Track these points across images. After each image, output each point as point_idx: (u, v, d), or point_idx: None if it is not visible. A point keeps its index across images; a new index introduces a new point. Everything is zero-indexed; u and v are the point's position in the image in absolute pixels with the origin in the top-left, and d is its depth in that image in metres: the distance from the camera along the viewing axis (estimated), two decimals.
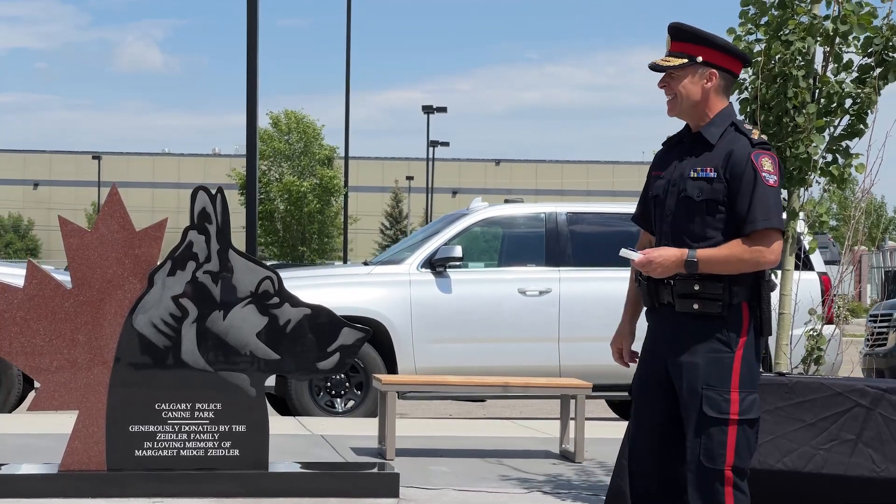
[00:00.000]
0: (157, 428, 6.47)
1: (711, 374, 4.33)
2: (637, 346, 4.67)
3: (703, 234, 4.39)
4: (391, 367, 10.63)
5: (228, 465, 6.47)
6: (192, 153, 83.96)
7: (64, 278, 6.81)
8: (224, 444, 6.49)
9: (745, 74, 6.47)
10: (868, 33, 6.28)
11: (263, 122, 47.37)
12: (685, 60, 4.45)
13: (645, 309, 4.58)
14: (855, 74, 6.36)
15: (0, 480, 6.33)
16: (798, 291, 6.82)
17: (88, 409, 6.46)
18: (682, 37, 4.47)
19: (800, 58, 6.23)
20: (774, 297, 6.68)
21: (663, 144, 4.67)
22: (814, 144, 6.23)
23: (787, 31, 6.24)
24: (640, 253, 4.38)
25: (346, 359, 6.63)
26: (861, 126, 6.35)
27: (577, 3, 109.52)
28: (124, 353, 6.49)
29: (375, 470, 6.88)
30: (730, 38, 6.52)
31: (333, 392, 10.70)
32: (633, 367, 4.67)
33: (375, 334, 10.41)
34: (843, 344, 10.74)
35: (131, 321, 6.50)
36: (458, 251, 10.78)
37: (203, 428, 6.50)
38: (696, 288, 4.33)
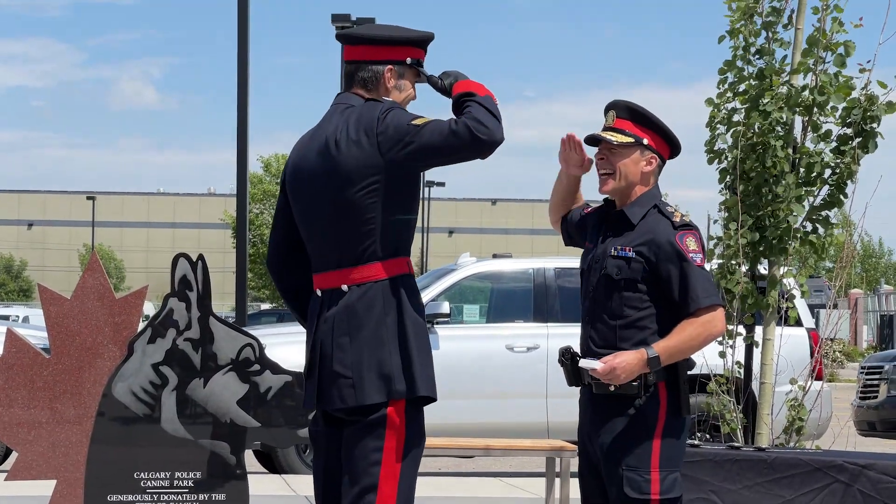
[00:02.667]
0: (135, 497, 6.42)
1: (631, 455, 4.34)
2: None
3: (619, 313, 4.42)
4: None
5: None
6: (188, 192, 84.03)
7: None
8: None
9: (724, 143, 6.49)
10: (846, 104, 6.29)
11: (255, 166, 47.56)
12: (632, 139, 4.46)
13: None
14: (834, 144, 6.36)
15: None
16: (786, 349, 6.81)
17: (67, 479, 6.42)
18: (633, 117, 4.48)
19: (779, 128, 6.25)
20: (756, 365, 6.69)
21: (595, 213, 4.70)
22: (794, 214, 6.23)
23: (766, 102, 6.25)
24: (601, 362, 4.36)
25: None
26: (841, 196, 6.36)
27: (574, 41, 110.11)
28: (103, 422, 6.46)
29: None
30: (708, 108, 6.55)
31: None
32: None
33: None
34: (832, 401, 10.72)
35: (111, 389, 6.46)
36: (445, 307, 10.76)
37: (182, 497, 6.45)
38: None
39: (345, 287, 4.05)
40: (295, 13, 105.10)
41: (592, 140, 4.54)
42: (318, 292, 4.16)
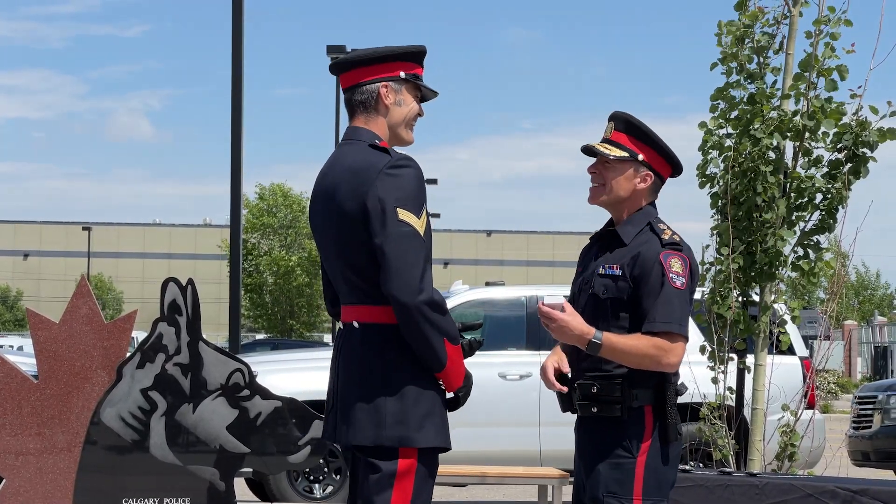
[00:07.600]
0: None
1: (612, 481, 4.23)
2: None
3: None
4: None
5: None
6: (183, 223, 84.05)
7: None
8: None
9: (716, 168, 6.48)
10: (837, 129, 6.29)
11: (252, 195, 47.55)
12: (626, 154, 4.33)
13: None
14: (825, 169, 6.36)
15: None
16: (778, 376, 6.78)
17: None
18: (630, 131, 4.34)
19: (769, 153, 6.24)
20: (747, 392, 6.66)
21: (590, 239, 4.58)
22: (784, 239, 6.22)
23: (756, 127, 6.25)
24: (557, 308, 4.20)
25: (317, 452, 6.56)
26: (831, 221, 6.34)
27: (570, 74, 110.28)
28: (91, 447, 6.42)
29: None
30: (701, 132, 6.54)
31: (312, 477, 10.61)
32: None
33: None
34: (826, 430, 10.68)
35: (99, 414, 6.43)
36: None
37: None
38: (594, 390, 4.24)
39: (356, 324, 4.00)
40: (291, 45, 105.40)
41: (588, 151, 4.41)
42: (341, 325, 4.12)
